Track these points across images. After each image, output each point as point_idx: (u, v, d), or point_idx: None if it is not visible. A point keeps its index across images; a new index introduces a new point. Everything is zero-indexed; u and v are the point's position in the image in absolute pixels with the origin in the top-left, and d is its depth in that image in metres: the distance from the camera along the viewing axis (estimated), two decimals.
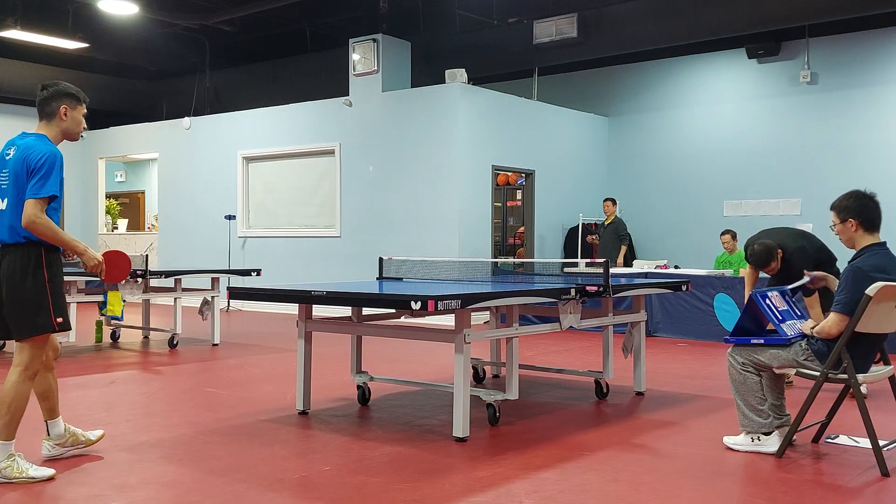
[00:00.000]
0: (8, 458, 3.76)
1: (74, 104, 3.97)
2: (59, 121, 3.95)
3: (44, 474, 3.81)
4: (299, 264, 12.48)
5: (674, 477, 3.93)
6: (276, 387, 6.26)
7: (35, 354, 3.82)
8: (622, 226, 11.43)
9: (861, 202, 4.18)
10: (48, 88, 3.92)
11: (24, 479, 3.75)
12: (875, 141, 11.21)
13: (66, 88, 3.95)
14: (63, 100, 3.92)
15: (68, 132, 4.02)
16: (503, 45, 12.07)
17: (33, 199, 3.69)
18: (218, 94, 14.94)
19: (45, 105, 3.92)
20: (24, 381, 3.77)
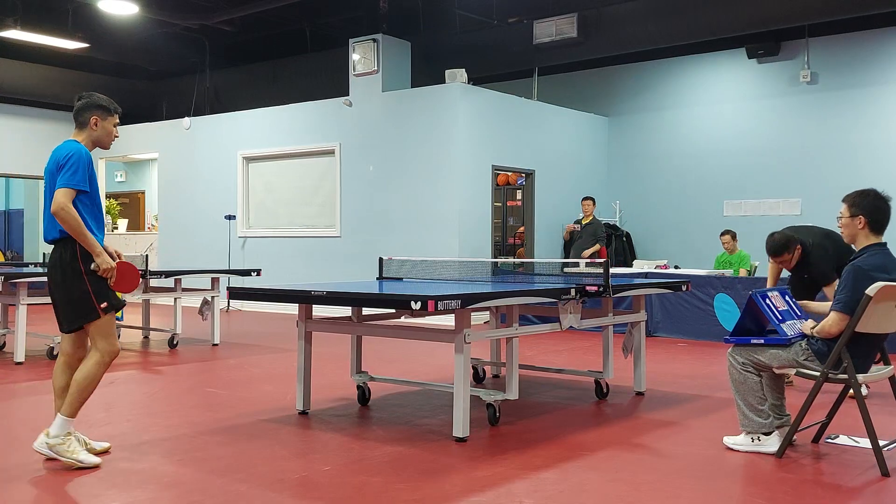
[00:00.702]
0: (66, 436, 3.93)
1: (105, 115, 4.19)
2: (90, 130, 4.17)
3: (91, 461, 3.95)
4: (299, 264, 12.48)
5: (674, 477, 3.93)
6: (276, 387, 6.26)
7: (106, 341, 4.01)
8: (600, 228, 11.35)
9: (875, 203, 4.18)
10: (82, 99, 4.17)
11: (72, 459, 3.91)
12: (875, 141, 11.21)
13: (98, 100, 4.18)
14: (94, 110, 4.16)
15: (99, 141, 4.22)
16: (503, 45, 12.07)
17: (62, 188, 3.90)
18: (218, 94, 14.94)
19: (79, 115, 4.16)
20: (98, 365, 4.00)
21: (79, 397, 3.97)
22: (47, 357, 7.58)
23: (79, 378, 3.97)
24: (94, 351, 4.03)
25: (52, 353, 7.60)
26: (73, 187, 3.92)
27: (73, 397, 3.95)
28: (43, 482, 3.80)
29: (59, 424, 3.95)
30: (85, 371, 3.99)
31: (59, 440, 3.91)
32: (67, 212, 3.88)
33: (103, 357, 4.01)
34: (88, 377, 3.98)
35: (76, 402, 3.97)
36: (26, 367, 7.14)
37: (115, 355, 4.07)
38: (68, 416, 3.95)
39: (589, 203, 11.41)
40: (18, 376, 6.76)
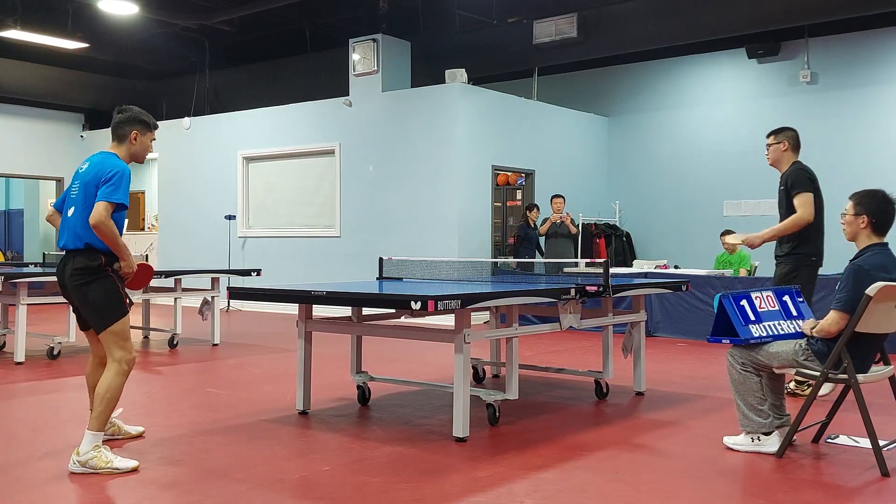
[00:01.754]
0: (94, 449, 3.92)
1: (145, 130, 4.24)
2: (129, 144, 4.21)
3: (128, 465, 3.95)
4: (299, 264, 12.47)
5: (674, 477, 3.93)
6: (276, 387, 6.26)
7: (122, 349, 4.04)
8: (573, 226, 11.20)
9: (882, 205, 4.17)
10: (123, 112, 4.22)
11: (109, 469, 3.90)
12: (875, 141, 11.21)
13: (140, 115, 4.23)
14: (135, 125, 4.20)
15: (136, 155, 4.27)
16: (503, 45, 12.07)
17: (105, 201, 3.94)
18: (218, 94, 14.94)
19: (119, 128, 4.21)
20: (118, 374, 4.01)
21: (104, 410, 3.98)
22: (47, 357, 7.58)
23: (101, 391, 3.99)
24: (112, 361, 4.04)
25: (52, 352, 7.60)
26: (114, 202, 3.96)
27: (97, 411, 3.97)
28: (43, 482, 3.80)
29: (88, 440, 3.94)
30: (106, 383, 4.00)
31: (90, 455, 3.91)
32: (108, 225, 3.94)
33: (121, 366, 4.03)
34: (111, 389, 4.00)
35: (102, 415, 3.98)
36: (26, 367, 7.14)
37: (132, 362, 4.08)
38: (96, 430, 3.96)
39: (560, 201, 11.22)
40: (18, 376, 6.76)
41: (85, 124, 16.25)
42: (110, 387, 3.99)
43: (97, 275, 4.03)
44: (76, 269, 4.03)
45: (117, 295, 4.06)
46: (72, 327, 7.68)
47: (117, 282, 4.08)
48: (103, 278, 4.04)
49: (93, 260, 4.03)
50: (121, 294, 4.08)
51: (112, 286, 4.06)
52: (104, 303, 4.04)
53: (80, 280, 4.03)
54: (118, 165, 4.06)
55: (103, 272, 4.04)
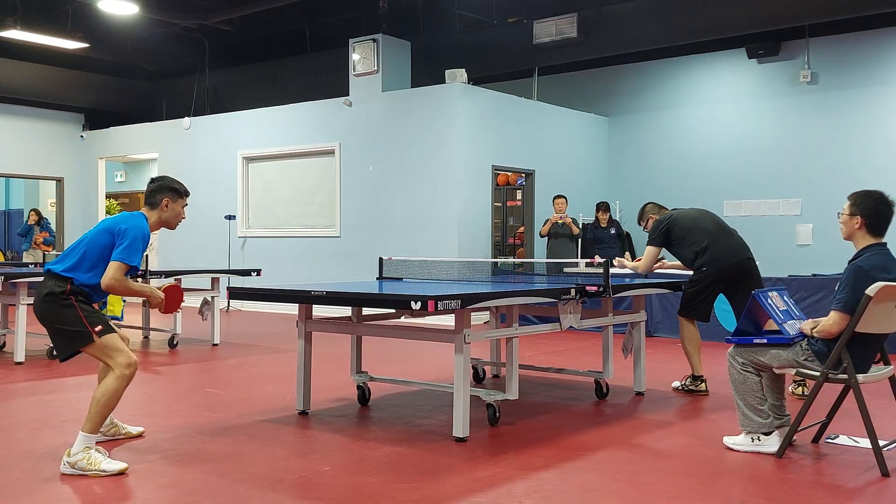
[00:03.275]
0: (84, 451, 3.92)
1: (175, 197, 4.38)
2: (160, 210, 4.34)
3: (115, 468, 3.94)
4: (299, 264, 12.47)
5: (674, 477, 3.93)
6: (276, 387, 6.26)
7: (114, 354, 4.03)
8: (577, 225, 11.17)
9: (877, 206, 4.16)
10: (155, 182, 4.38)
11: (96, 471, 3.90)
12: (875, 141, 11.21)
13: (171, 183, 4.39)
14: (166, 193, 4.34)
15: (167, 222, 4.40)
16: (503, 45, 12.07)
17: (118, 261, 4.02)
18: (218, 94, 14.94)
19: (152, 196, 4.35)
20: (118, 379, 4.01)
21: (98, 413, 3.98)
22: (47, 357, 7.58)
23: (98, 395, 3.99)
24: (113, 367, 4.05)
25: (52, 353, 7.59)
26: (128, 263, 4.04)
27: (92, 413, 3.97)
28: (42, 483, 3.80)
29: (80, 441, 3.94)
30: (104, 388, 4.01)
31: (79, 456, 3.91)
32: (120, 285, 4.05)
33: (121, 371, 4.02)
34: (108, 392, 3.99)
35: (96, 417, 3.98)
36: (26, 367, 7.14)
37: (134, 366, 4.05)
38: (88, 432, 3.96)
39: (562, 201, 11.21)
40: (18, 376, 6.76)
41: (85, 124, 16.24)
42: (108, 390, 3.99)
43: (58, 301, 4.03)
44: (44, 293, 4.06)
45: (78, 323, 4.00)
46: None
47: (82, 311, 4.03)
48: (64, 305, 4.03)
49: (58, 286, 4.04)
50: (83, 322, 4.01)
51: (73, 315, 4.01)
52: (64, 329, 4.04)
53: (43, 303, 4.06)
54: (138, 224, 4.14)
55: (65, 300, 4.03)
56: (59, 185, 16.14)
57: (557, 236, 11.12)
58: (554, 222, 11.15)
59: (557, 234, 11.12)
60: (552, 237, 11.16)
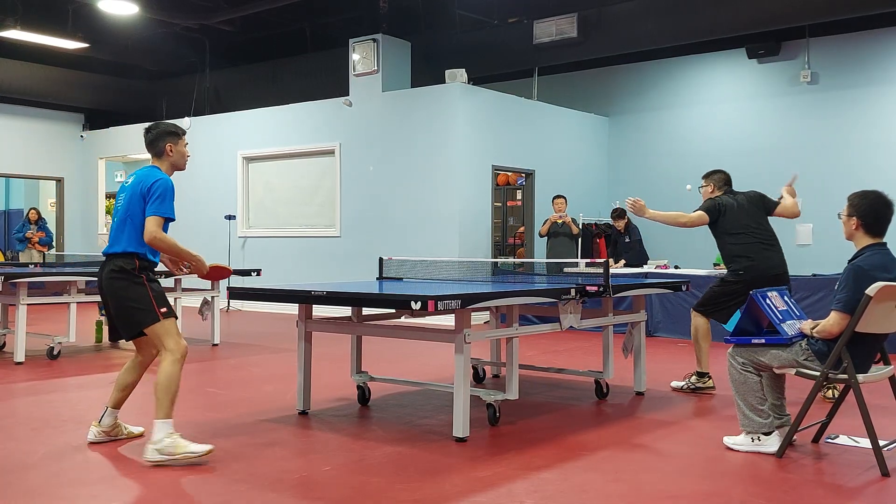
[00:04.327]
0: (169, 436, 4.04)
1: (176, 139, 4.41)
2: (166, 156, 4.38)
3: (203, 449, 4.09)
4: (299, 264, 12.47)
5: (674, 477, 3.93)
6: (276, 387, 6.26)
7: (171, 338, 4.18)
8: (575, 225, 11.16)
9: (874, 206, 4.16)
10: (151, 131, 4.39)
11: (185, 454, 4.03)
12: (875, 141, 11.20)
13: (167, 127, 4.42)
14: (166, 138, 4.37)
15: (176, 165, 4.44)
16: (503, 45, 12.06)
17: (154, 216, 4.14)
18: (218, 94, 14.94)
19: (153, 145, 4.38)
20: (173, 363, 4.15)
21: (166, 397, 4.10)
22: (47, 357, 7.58)
23: (161, 380, 4.11)
24: (166, 352, 4.17)
25: (52, 352, 7.60)
26: (162, 215, 4.15)
27: (161, 401, 4.10)
28: (42, 483, 3.80)
29: (160, 429, 4.06)
30: (164, 373, 4.13)
31: (165, 442, 4.03)
32: (161, 239, 4.15)
33: (175, 355, 4.16)
34: (169, 377, 4.12)
35: (166, 402, 4.10)
36: (26, 367, 7.14)
37: (185, 351, 4.21)
38: (164, 418, 4.08)
39: (562, 201, 11.19)
40: (18, 376, 6.76)
41: (85, 124, 16.25)
42: (168, 375, 4.12)
43: (130, 278, 4.18)
44: (112, 270, 4.19)
45: (146, 301, 4.16)
46: (72, 327, 7.68)
47: (152, 291, 4.19)
48: (136, 283, 4.18)
49: (128, 263, 4.18)
50: (151, 301, 4.17)
51: (143, 293, 4.17)
52: (132, 306, 4.17)
53: (113, 280, 4.19)
54: (161, 177, 4.22)
55: (137, 278, 4.18)
56: (59, 185, 16.14)
57: (557, 236, 11.11)
58: (553, 222, 11.14)
59: (557, 233, 11.11)
60: (552, 237, 11.16)
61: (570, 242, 11.07)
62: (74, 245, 15.93)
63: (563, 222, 11.07)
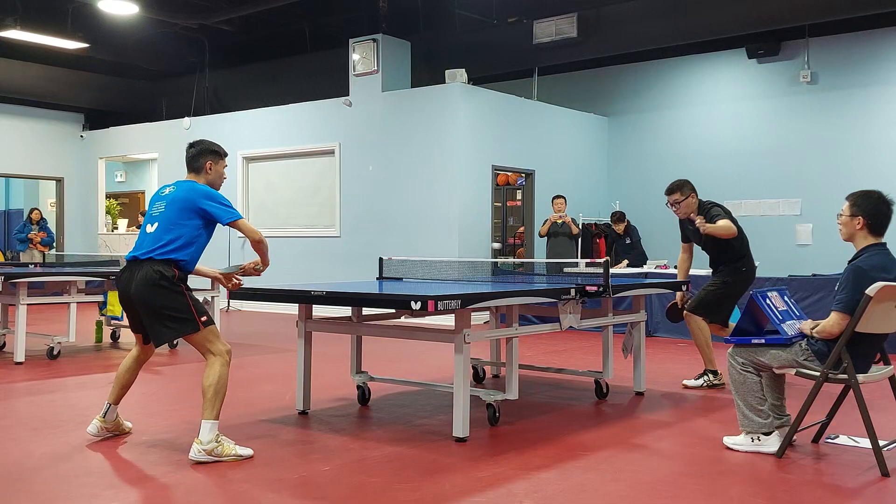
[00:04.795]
0: (217, 437, 4.10)
1: (217, 159, 4.49)
2: (205, 174, 4.45)
3: (247, 453, 4.16)
4: (299, 264, 12.47)
5: (674, 477, 3.93)
6: (276, 387, 6.26)
7: (215, 342, 4.25)
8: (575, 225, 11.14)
9: (878, 206, 4.16)
10: (195, 146, 4.50)
11: (232, 456, 4.09)
12: (875, 141, 11.21)
13: (210, 146, 4.51)
14: (208, 156, 4.46)
15: (212, 184, 4.48)
16: (503, 45, 12.06)
17: (240, 219, 4.35)
18: (218, 94, 14.94)
19: (194, 161, 4.47)
20: (223, 365, 4.22)
21: (217, 398, 4.15)
22: (47, 357, 7.58)
23: (210, 382, 4.16)
24: (213, 356, 4.23)
25: (52, 352, 7.60)
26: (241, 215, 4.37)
27: (211, 401, 4.14)
28: (41, 483, 3.80)
29: (208, 429, 4.09)
30: (214, 375, 4.18)
31: (213, 444, 4.07)
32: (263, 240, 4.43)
33: (224, 358, 4.24)
34: (220, 379, 4.19)
35: (217, 403, 4.15)
36: (26, 367, 7.14)
37: (231, 353, 4.29)
38: (213, 419, 4.12)
39: (562, 201, 11.18)
40: (18, 376, 6.76)
41: (85, 124, 16.25)
42: (219, 376, 4.18)
43: (170, 286, 4.17)
44: (151, 276, 4.15)
45: (187, 311, 4.18)
46: (72, 327, 7.68)
47: (191, 301, 4.21)
48: (175, 292, 4.18)
49: (167, 271, 4.18)
50: (192, 310, 4.19)
51: (183, 302, 4.19)
52: (172, 315, 4.17)
53: (152, 286, 4.15)
54: (210, 190, 4.34)
55: (177, 286, 4.19)
56: (59, 185, 16.14)
57: (557, 236, 11.11)
58: (553, 222, 11.14)
59: (557, 233, 11.11)
60: (551, 237, 11.16)
61: (569, 242, 11.06)
62: (74, 245, 15.93)
63: (562, 222, 11.07)
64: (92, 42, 12.78)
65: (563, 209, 11.15)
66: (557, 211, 11.13)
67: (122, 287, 4.30)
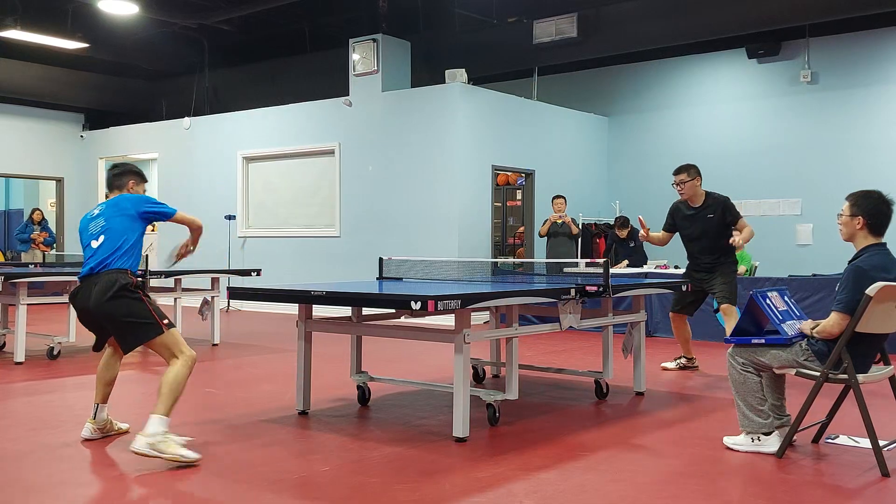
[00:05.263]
0: (164, 434, 4.03)
1: (139, 180, 4.69)
2: (127, 191, 4.60)
3: (194, 456, 4.05)
4: (299, 264, 12.47)
5: (674, 477, 3.93)
6: (275, 387, 6.26)
7: (177, 344, 4.23)
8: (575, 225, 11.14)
9: (878, 206, 4.16)
10: (117, 167, 4.73)
11: (174, 455, 4.00)
12: (875, 141, 11.21)
13: (133, 167, 4.75)
14: (131, 175, 4.66)
15: None
16: (503, 45, 12.06)
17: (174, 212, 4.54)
18: (218, 94, 14.94)
19: (117, 180, 4.65)
20: (184, 366, 4.20)
21: (171, 396, 4.12)
22: (47, 357, 7.58)
23: (168, 379, 4.14)
24: (176, 358, 4.22)
25: (52, 352, 7.60)
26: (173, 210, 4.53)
27: (165, 397, 4.10)
28: (40, 483, 3.80)
29: (156, 423, 4.04)
30: (174, 373, 4.17)
31: (158, 437, 4.01)
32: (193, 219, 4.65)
33: (187, 360, 4.22)
34: (178, 378, 4.16)
35: (170, 400, 4.11)
36: (26, 367, 7.14)
37: (195, 357, 4.27)
38: (164, 414, 4.07)
39: (562, 201, 11.17)
40: (18, 376, 6.76)
41: (85, 124, 16.25)
42: (177, 375, 4.17)
43: (130, 294, 4.19)
44: (109, 286, 4.17)
45: (148, 315, 4.19)
46: (72, 327, 7.67)
47: (149, 304, 4.23)
48: (134, 299, 4.20)
49: (124, 279, 4.21)
50: (152, 315, 4.20)
51: (143, 307, 4.20)
52: (134, 322, 4.18)
53: (111, 300, 4.16)
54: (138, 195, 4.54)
55: (135, 293, 4.21)
56: (59, 185, 16.13)
57: (556, 236, 11.10)
58: (553, 222, 11.13)
59: (556, 233, 11.10)
60: (551, 237, 11.15)
61: (569, 242, 11.06)
62: (74, 245, 15.92)
63: (562, 222, 11.07)
64: (92, 42, 12.78)
65: (563, 209, 11.14)
66: (557, 211, 11.12)
67: (80, 304, 4.32)
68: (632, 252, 11.29)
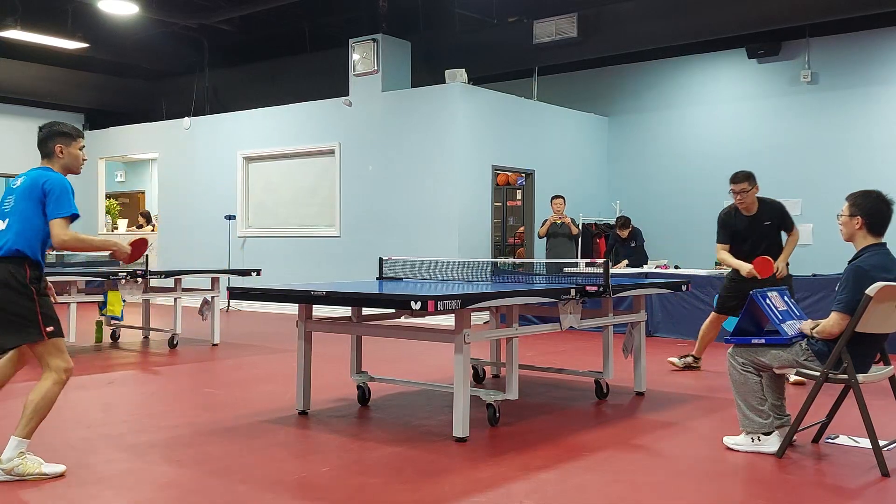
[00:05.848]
0: (19, 456, 3.81)
1: (69, 141, 4.09)
2: (56, 158, 4.07)
3: (56, 470, 3.87)
4: (299, 264, 12.47)
5: (674, 477, 3.92)
6: (275, 387, 6.25)
7: (56, 358, 3.90)
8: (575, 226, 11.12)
9: (877, 205, 4.16)
10: (42, 130, 4.11)
11: (37, 475, 3.80)
12: (875, 141, 11.20)
13: (60, 128, 4.10)
14: (57, 139, 4.06)
15: (68, 167, 4.12)
16: (503, 45, 12.06)
17: (58, 218, 3.85)
18: (218, 93, 14.94)
19: (43, 146, 4.09)
20: (55, 384, 3.88)
21: (35, 418, 3.84)
22: None
23: (35, 398, 3.84)
24: (49, 371, 3.88)
25: None
26: (65, 215, 3.87)
27: (28, 419, 3.82)
28: (40, 484, 3.80)
29: (14, 447, 3.81)
30: (42, 392, 3.85)
31: (14, 462, 3.78)
32: (70, 238, 3.89)
33: (59, 376, 3.88)
34: (46, 398, 3.85)
35: (33, 423, 3.84)
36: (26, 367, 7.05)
37: (70, 372, 3.94)
38: (24, 437, 3.82)
39: (561, 201, 11.16)
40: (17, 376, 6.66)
41: (85, 124, 16.24)
42: (45, 395, 3.85)
43: (19, 290, 3.81)
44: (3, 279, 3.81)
45: (32, 317, 3.83)
46: (72, 327, 7.67)
47: (41, 307, 3.86)
48: (23, 294, 3.82)
49: (18, 272, 3.82)
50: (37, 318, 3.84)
51: (30, 308, 3.83)
52: (15, 320, 3.82)
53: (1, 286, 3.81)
54: (55, 179, 3.92)
55: (26, 289, 3.83)
56: None
57: (556, 236, 11.10)
58: (552, 222, 11.13)
59: (556, 234, 11.10)
60: (551, 237, 11.15)
61: (569, 243, 11.05)
62: None
63: (562, 223, 11.06)
64: (92, 42, 12.78)
65: (563, 209, 11.13)
66: (557, 211, 11.12)
67: None
68: (633, 252, 11.29)
